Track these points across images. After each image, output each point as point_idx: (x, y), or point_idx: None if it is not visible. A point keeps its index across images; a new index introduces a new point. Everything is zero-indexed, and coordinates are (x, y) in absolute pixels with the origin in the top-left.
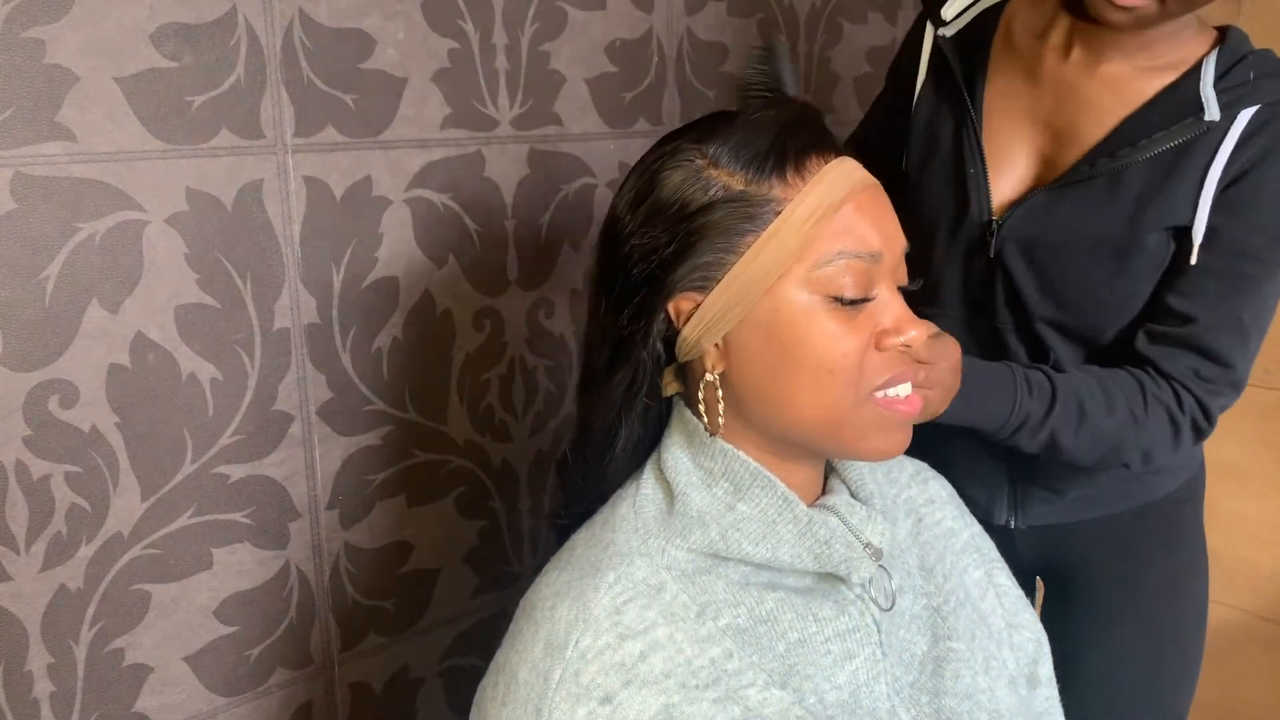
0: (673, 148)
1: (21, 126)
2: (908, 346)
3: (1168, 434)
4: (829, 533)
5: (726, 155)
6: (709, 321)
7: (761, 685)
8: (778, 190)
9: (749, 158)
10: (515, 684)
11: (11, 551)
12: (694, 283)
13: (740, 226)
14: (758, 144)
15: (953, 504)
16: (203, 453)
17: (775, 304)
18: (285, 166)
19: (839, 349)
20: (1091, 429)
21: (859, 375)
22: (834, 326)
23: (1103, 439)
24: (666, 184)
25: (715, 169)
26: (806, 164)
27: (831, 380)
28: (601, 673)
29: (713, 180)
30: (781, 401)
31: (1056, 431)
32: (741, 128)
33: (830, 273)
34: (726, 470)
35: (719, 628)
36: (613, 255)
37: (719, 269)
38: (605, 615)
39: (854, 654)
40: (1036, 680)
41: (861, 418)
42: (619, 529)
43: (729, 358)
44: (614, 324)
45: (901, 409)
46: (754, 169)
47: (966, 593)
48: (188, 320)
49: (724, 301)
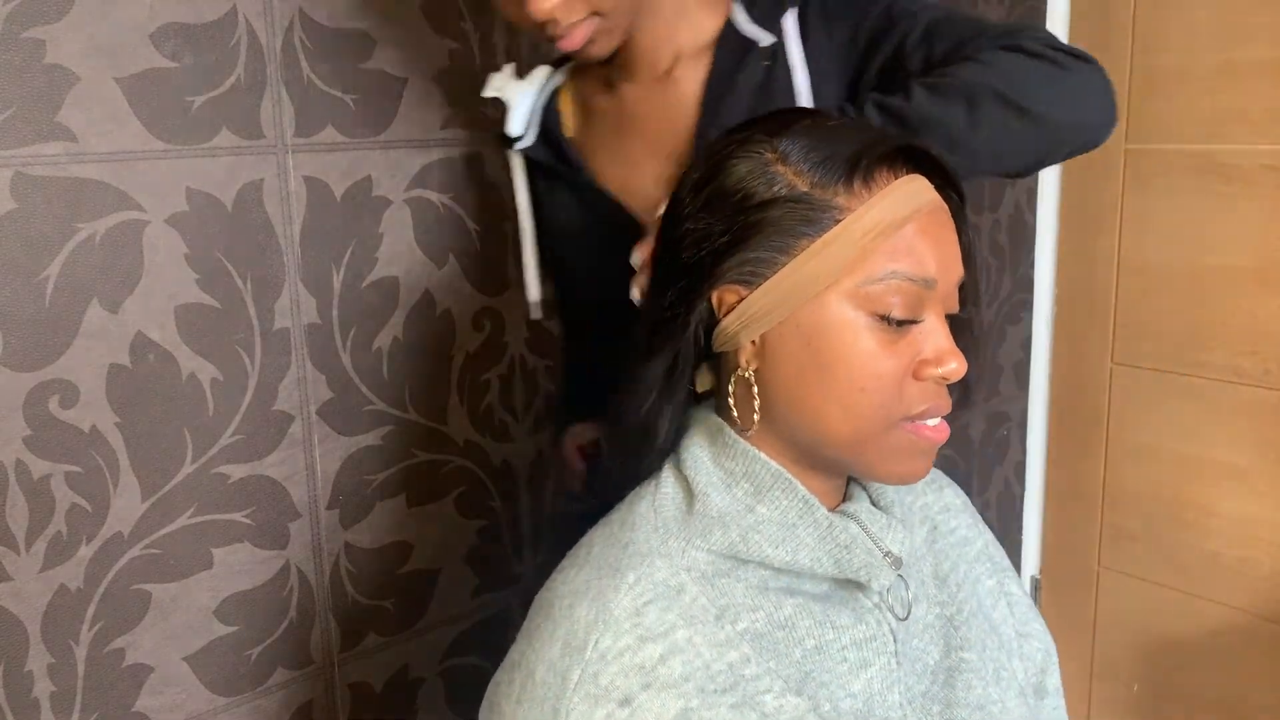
0: (744, 137)
1: (21, 126)
2: (945, 379)
3: (1022, 60)
4: (849, 538)
5: (796, 153)
6: (750, 317)
7: (778, 691)
8: (842, 198)
9: (818, 160)
10: (532, 682)
11: (11, 551)
12: (742, 276)
13: (798, 228)
14: (830, 147)
15: (966, 512)
16: (203, 453)
17: (819, 312)
18: (285, 166)
19: (874, 370)
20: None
21: (892, 400)
22: (874, 346)
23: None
24: (732, 172)
25: (783, 165)
26: (875, 176)
27: (863, 400)
28: (621, 674)
29: (778, 176)
30: (809, 411)
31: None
32: (818, 128)
33: (880, 290)
34: (748, 471)
35: (737, 632)
36: (669, 234)
37: (769, 266)
38: (626, 617)
39: (869, 663)
40: (1044, 690)
41: (888, 441)
42: (638, 528)
43: (764, 356)
44: (658, 304)
45: (930, 435)
46: (822, 172)
47: (979, 602)
48: (188, 320)
49: (769, 300)
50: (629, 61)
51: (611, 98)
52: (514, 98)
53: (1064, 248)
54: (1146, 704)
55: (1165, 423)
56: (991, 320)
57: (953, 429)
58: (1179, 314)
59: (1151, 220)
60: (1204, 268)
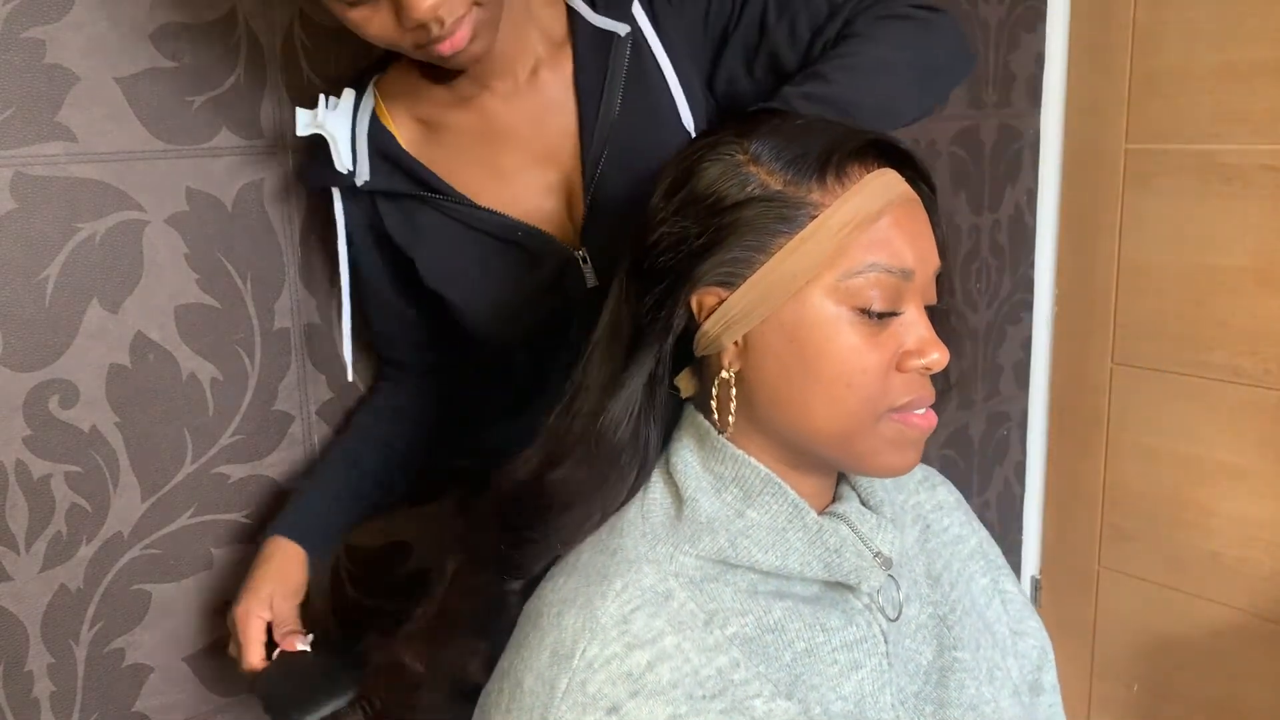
0: (714, 140)
1: (21, 126)
2: (928, 370)
3: (906, 25)
4: (839, 541)
5: (768, 153)
6: (731, 318)
7: (768, 696)
8: (816, 194)
9: (790, 158)
10: (520, 692)
11: (11, 551)
12: (720, 277)
13: (773, 226)
14: (801, 145)
15: (960, 510)
16: (203, 453)
17: (800, 309)
18: (285, 166)
19: (859, 364)
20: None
21: (877, 393)
22: (857, 340)
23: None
24: (704, 175)
25: (755, 165)
26: (848, 171)
27: (849, 394)
28: (608, 682)
29: (751, 177)
30: (795, 408)
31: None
32: (786, 127)
33: (859, 284)
34: (737, 476)
35: (726, 636)
36: (641, 240)
37: (747, 267)
38: (613, 624)
39: (860, 664)
40: (1040, 687)
41: (877, 433)
42: (626, 534)
43: (747, 357)
44: (635, 311)
45: (918, 424)
46: (794, 170)
47: (973, 601)
48: (188, 320)
49: (749, 300)
50: (485, 73)
51: (466, 112)
52: (336, 130)
53: (1064, 248)
54: (1146, 704)
55: (1165, 423)
56: (991, 320)
57: (953, 429)
58: (1179, 314)
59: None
60: (1204, 268)
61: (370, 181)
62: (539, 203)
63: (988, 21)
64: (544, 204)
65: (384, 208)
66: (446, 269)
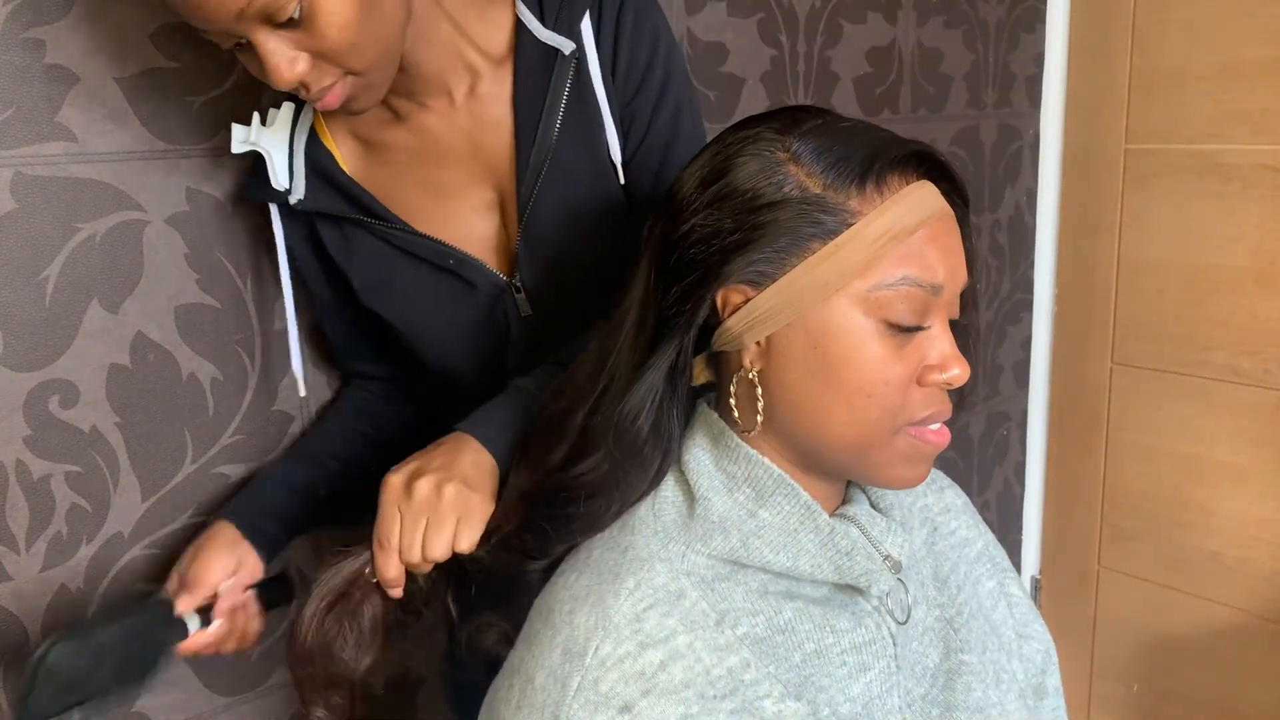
0: (754, 133)
1: (21, 126)
2: (949, 385)
3: None
4: (850, 543)
5: (809, 154)
6: (756, 318)
7: (777, 697)
8: (854, 201)
9: (831, 161)
10: (531, 689)
11: (11, 551)
12: (749, 276)
13: (808, 230)
14: (843, 150)
15: (967, 513)
16: (203, 453)
17: (827, 315)
18: None
19: (882, 376)
20: None
21: (896, 406)
22: (882, 352)
23: None
24: (741, 169)
25: (794, 165)
26: (888, 180)
27: (869, 405)
28: (621, 681)
29: (789, 177)
30: (814, 414)
31: None
32: (828, 129)
33: (889, 296)
34: (750, 475)
35: (737, 636)
36: (671, 229)
37: (778, 268)
38: (626, 623)
39: (869, 666)
40: (1044, 691)
41: (892, 446)
42: (638, 531)
43: (769, 358)
44: (661, 301)
45: (933, 440)
46: (834, 174)
47: (979, 604)
48: (188, 320)
49: (776, 302)
50: (419, 90)
51: (404, 129)
52: (271, 147)
53: (1064, 248)
54: (1146, 704)
55: (1165, 422)
56: (991, 320)
57: (953, 429)
58: (1179, 314)
59: (1151, 220)
60: (1204, 268)
61: (305, 201)
62: (475, 223)
63: (987, 21)
64: (480, 225)
65: (321, 225)
66: (383, 291)
